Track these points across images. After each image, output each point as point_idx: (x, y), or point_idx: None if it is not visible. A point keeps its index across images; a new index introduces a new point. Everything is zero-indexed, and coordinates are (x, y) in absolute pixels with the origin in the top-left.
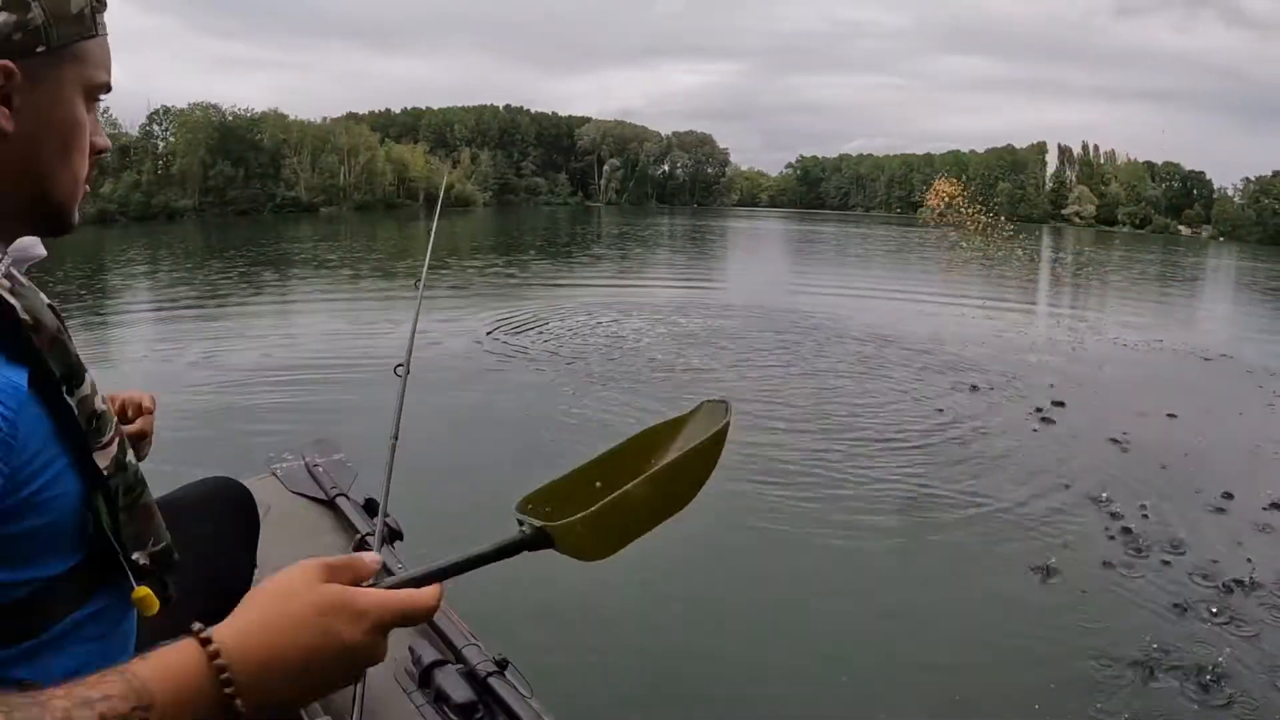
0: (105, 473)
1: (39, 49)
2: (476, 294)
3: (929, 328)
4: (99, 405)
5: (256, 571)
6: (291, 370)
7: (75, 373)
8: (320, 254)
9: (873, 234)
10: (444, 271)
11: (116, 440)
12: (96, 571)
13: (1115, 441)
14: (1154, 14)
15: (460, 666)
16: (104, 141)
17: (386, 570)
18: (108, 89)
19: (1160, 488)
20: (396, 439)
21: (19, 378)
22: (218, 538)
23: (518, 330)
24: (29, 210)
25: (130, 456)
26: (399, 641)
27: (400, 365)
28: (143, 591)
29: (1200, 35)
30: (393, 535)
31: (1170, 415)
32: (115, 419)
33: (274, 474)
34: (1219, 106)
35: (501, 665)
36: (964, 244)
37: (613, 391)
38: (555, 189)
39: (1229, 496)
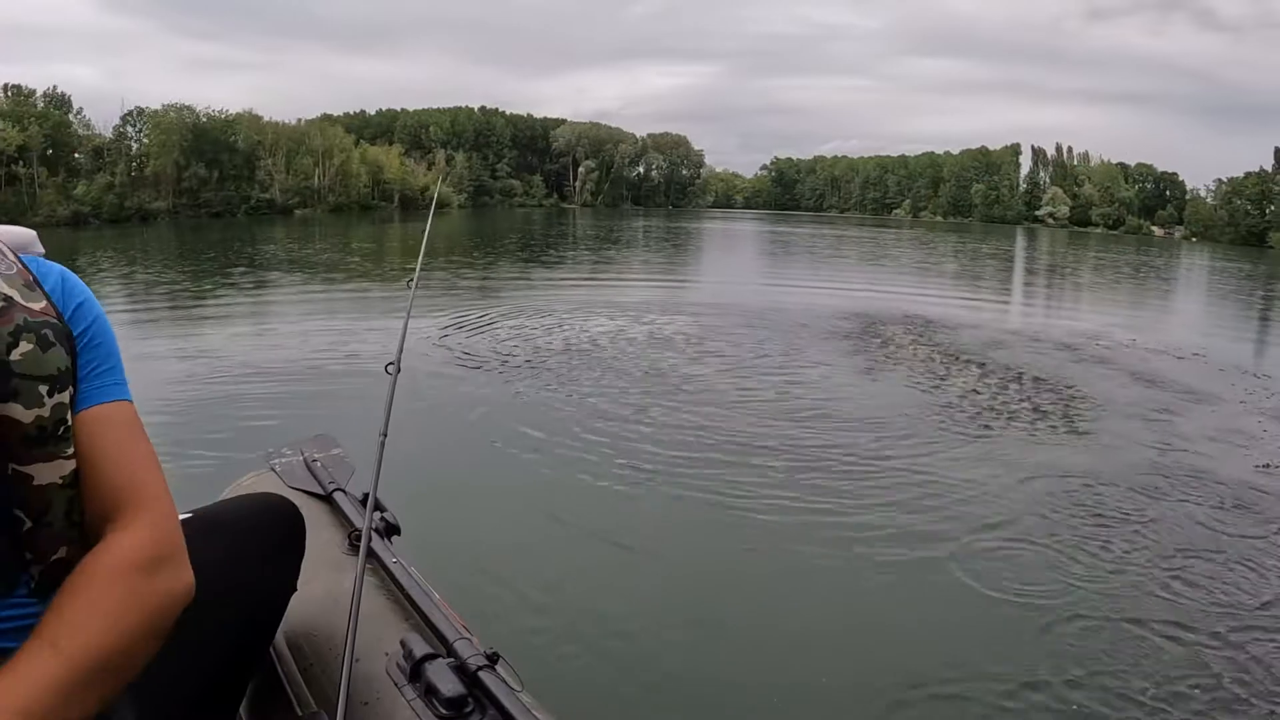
0: None
1: None
2: (461, 294)
3: (905, 322)
4: None
5: None
6: (278, 368)
7: None
8: (300, 254)
9: (847, 235)
10: (425, 273)
11: None
12: None
13: (1088, 438)
14: (1126, 17)
15: (451, 660)
16: None
17: (381, 564)
18: None
19: (1138, 483)
20: (385, 435)
21: None
22: (259, 553)
23: (505, 329)
24: None
25: None
26: (391, 635)
27: (391, 363)
28: None
29: (1172, 38)
30: (390, 530)
31: (1144, 413)
32: None
33: (273, 469)
34: (1192, 108)
35: (492, 659)
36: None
37: (590, 386)
38: (530, 191)
39: (1205, 491)
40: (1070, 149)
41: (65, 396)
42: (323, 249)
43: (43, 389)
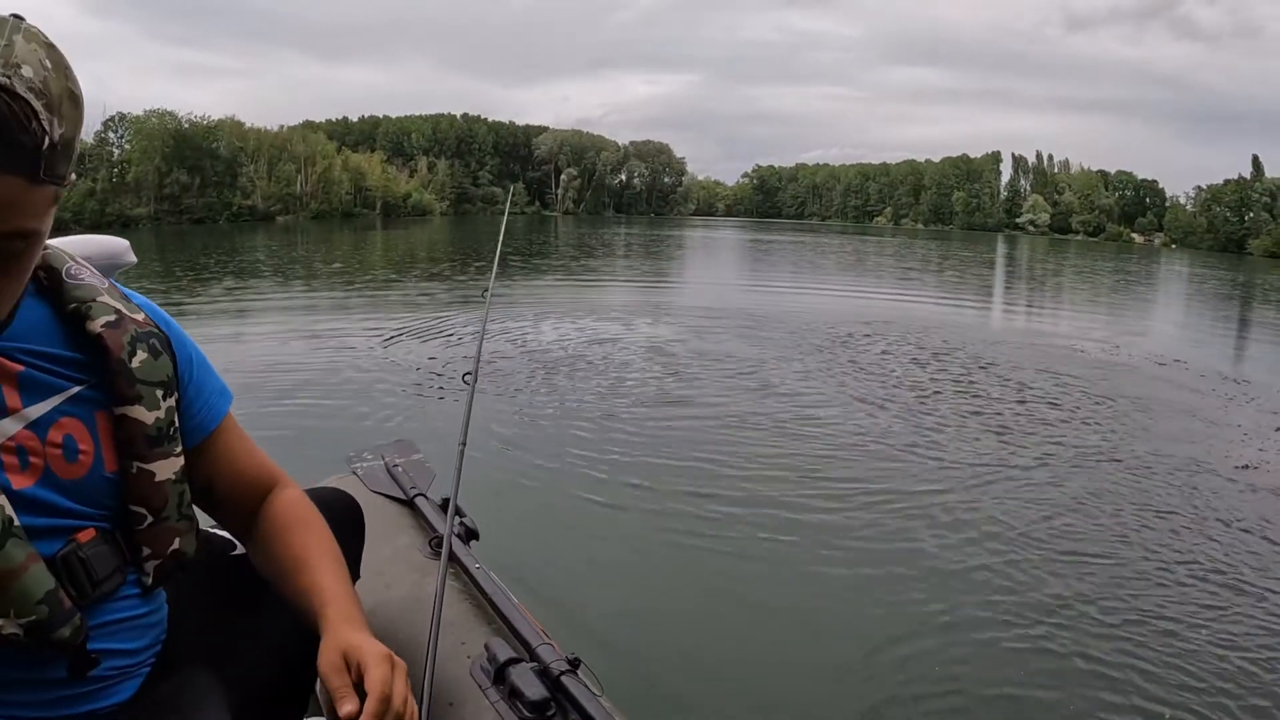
0: None
1: None
2: (476, 302)
3: (886, 323)
4: None
5: None
6: (342, 374)
7: None
8: (321, 262)
9: (830, 243)
10: (441, 280)
11: None
12: None
13: (1072, 445)
14: (1104, 26)
15: (534, 665)
16: None
17: (463, 569)
18: None
19: (1120, 488)
20: (464, 443)
21: None
22: None
23: (545, 335)
24: None
25: None
26: (474, 639)
27: (468, 373)
28: None
29: (1150, 46)
30: (469, 535)
31: (1129, 420)
32: None
33: (355, 473)
34: (1171, 116)
35: (574, 664)
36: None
37: (644, 394)
38: (513, 198)
39: (1189, 494)
40: (1050, 156)
41: (173, 400)
42: (309, 256)
43: (159, 393)
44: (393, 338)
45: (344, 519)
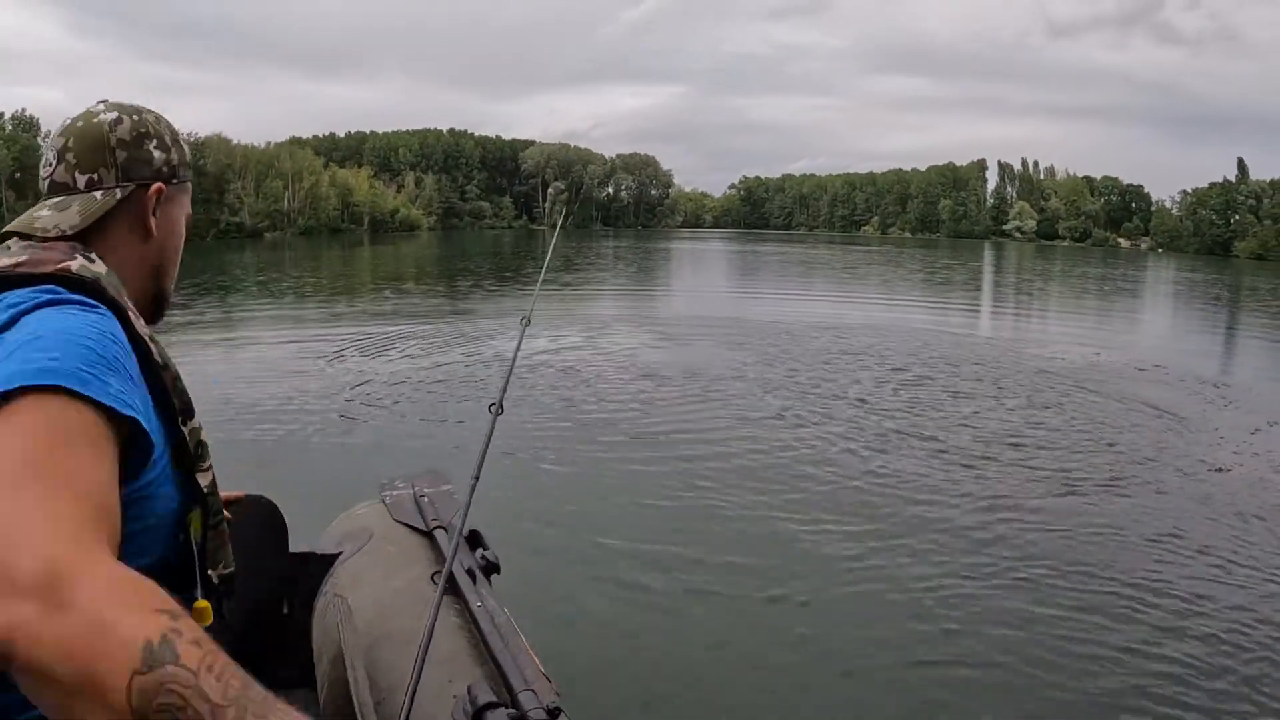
0: (205, 491)
1: (174, 180)
2: (481, 320)
3: (875, 333)
4: (204, 436)
5: (353, 593)
6: (380, 399)
7: (189, 408)
8: (307, 281)
9: (819, 254)
10: (457, 296)
11: (211, 470)
12: (171, 577)
13: (1050, 450)
14: (1086, 33)
15: (511, 711)
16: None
17: (465, 605)
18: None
19: (1095, 490)
20: (478, 477)
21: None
22: (249, 553)
23: (570, 358)
24: (149, 298)
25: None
26: (462, 679)
27: (493, 404)
28: (202, 604)
29: (1133, 52)
30: (490, 569)
31: (1108, 425)
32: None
33: (383, 501)
34: (1155, 121)
35: (552, 714)
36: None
37: (673, 418)
38: (500, 212)
39: (1167, 495)
40: (1036, 163)
41: None
42: (339, 273)
43: None
44: (416, 360)
45: (263, 527)
